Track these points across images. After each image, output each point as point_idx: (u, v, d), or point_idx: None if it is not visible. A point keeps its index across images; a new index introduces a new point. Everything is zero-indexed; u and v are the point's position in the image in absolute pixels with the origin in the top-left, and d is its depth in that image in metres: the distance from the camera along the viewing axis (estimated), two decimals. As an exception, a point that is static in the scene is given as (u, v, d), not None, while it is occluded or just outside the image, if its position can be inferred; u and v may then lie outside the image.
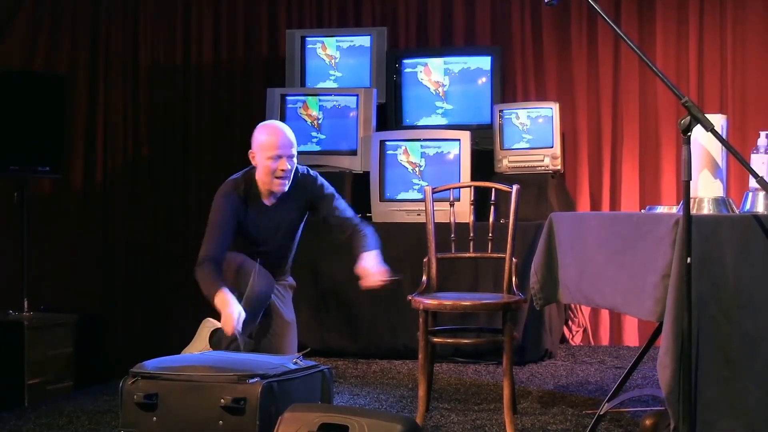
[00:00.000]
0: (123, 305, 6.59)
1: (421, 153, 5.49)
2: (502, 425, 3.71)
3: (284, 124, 4.28)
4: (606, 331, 5.98)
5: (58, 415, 4.08)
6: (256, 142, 4.17)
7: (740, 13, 5.85)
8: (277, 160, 4.09)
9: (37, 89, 5.56)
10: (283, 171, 4.10)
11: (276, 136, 4.13)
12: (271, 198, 4.20)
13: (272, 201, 4.21)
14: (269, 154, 4.09)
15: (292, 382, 3.32)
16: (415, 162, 5.49)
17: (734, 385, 2.71)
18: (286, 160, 4.10)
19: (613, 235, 3.14)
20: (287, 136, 4.15)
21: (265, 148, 4.11)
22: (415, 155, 5.50)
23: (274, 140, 4.11)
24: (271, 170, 4.10)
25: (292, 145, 4.14)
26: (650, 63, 2.87)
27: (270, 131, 4.17)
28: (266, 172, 4.12)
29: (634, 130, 6.01)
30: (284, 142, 4.12)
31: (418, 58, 5.95)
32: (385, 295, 5.31)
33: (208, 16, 6.61)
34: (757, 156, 3.20)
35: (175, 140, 6.63)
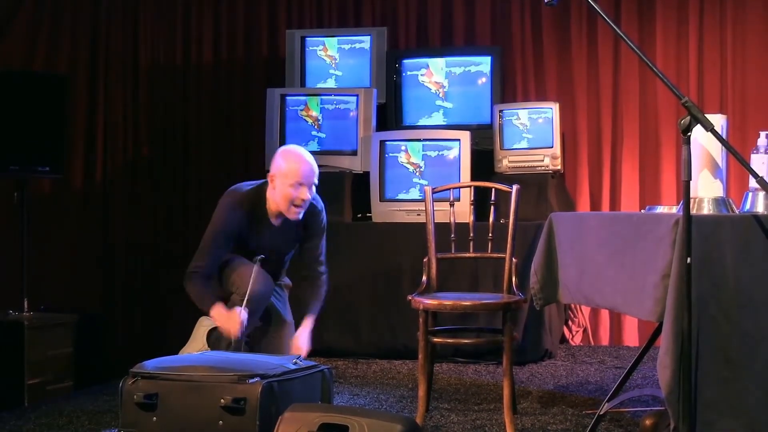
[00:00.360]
0: (123, 305, 6.60)
1: (421, 153, 5.49)
2: (502, 425, 3.71)
3: (308, 153, 4.19)
4: (606, 331, 5.98)
5: (58, 415, 4.08)
6: (278, 167, 4.09)
7: (740, 13, 5.85)
8: (297, 188, 4.04)
9: (37, 89, 5.56)
10: (303, 201, 4.06)
11: (301, 164, 4.07)
12: (278, 219, 4.18)
13: (278, 222, 4.18)
14: (291, 181, 4.03)
15: (292, 382, 3.32)
16: (415, 162, 5.49)
17: (734, 385, 2.71)
18: (307, 189, 4.06)
19: (613, 235, 3.14)
20: (311, 166, 4.10)
21: (287, 175, 4.04)
22: (415, 155, 5.50)
23: (298, 169, 4.05)
24: (291, 198, 4.04)
25: (315, 174, 4.10)
26: (650, 63, 2.87)
27: (295, 159, 4.10)
28: (284, 199, 4.06)
29: (634, 130, 6.01)
30: (308, 171, 4.07)
31: (418, 59, 5.96)
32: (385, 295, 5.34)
33: (208, 16, 6.61)
34: (757, 156, 3.20)
35: (175, 140, 6.63)
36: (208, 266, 4.07)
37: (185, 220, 6.53)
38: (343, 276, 5.38)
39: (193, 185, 6.57)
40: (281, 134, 5.74)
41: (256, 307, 4.06)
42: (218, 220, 4.12)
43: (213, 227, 4.12)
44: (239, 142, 6.53)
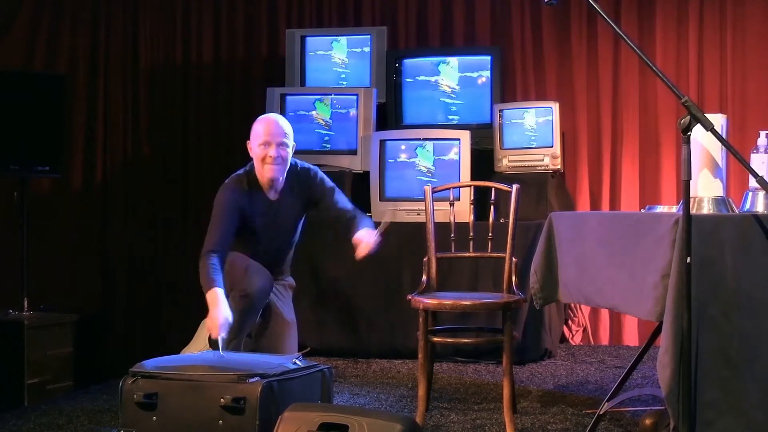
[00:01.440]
0: (123, 304, 6.59)
1: (420, 152, 5.49)
2: (502, 425, 3.71)
3: (280, 116, 4.35)
4: (606, 331, 5.98)
5: (57, 415, 4.08)
6: (251, 133, 4.24)
7: (740, 13, 5.85)
8: (266, 147, 4.14)
9: (37, 89, 5.57)
10: (272, 158, 4.14)
11: (266, 124, 4.21)
12: (272, 191, 4.22)
13: (275, 195, 4.23)
14: (259, 141, 4.16)
15: (291, 381, 3.32)
16: (415, 162, 5.49)
17: (734, 384, 2.71)
18: (276, 147, 4.14)
19: (612, 235, 3.14)
20: (279, 124, 4.22)
21: (256, 136, 4.19)
22: (415, 155, 5.50)
23: (264, 128, 4.19)
24: (261, 157, 4.15)
25: (285, 134, 4.19)
26: (650, 62, 2.87)
27: (262, 120, 4.26)
28: (258, 159, 4.17)
29: (634, 130, 6.01)
30: (274, 130, 4.18)
31: (418, 58, 5.96)
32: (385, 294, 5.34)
33: (208, 16, 6.61)
34: (757, 155, 3.20)
35: (175, 139, 6.63)
36: (218, 244, 4.07)
37: (185, 219, 6.53)
38: (342, 275, 5.39)
39: (193, 184, 6.57)
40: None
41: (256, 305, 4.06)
42: (219, 203, 4.19)
43: (215, 210, 4.18)
44: (239, 141, 6.48)
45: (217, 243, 4.08)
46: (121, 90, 6.67)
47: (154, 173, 6.64)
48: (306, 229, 4.45)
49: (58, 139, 5.65)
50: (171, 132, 6.64)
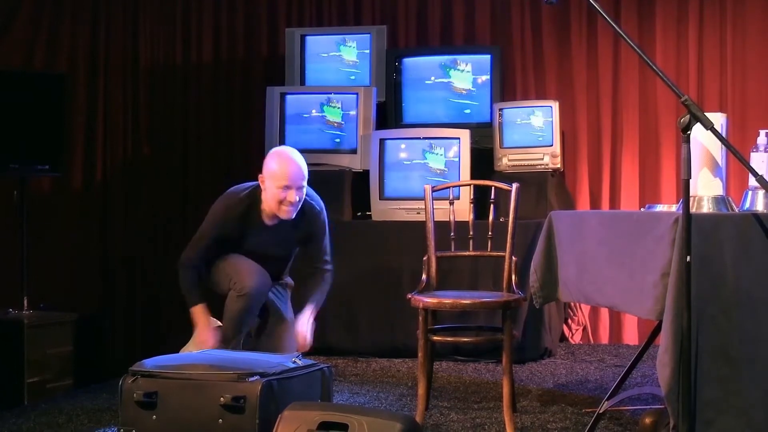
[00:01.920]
0: (122, 303, 6.59)
1: (421, 151, 5.49)
2: (501, 424, 3.71)
3: (298, 154, 4.20)
4: (605, 330, 5.98)
5: (57, 414, 4.08)
6: (267, 169, 4.12)
7: (740, 12, 5.85)
8: (286, 191, 4.07)
9: (37, 87, 5.56)
10: (290, 202, 4.09)
11: (287, 167, 4.09)
12: (272, 220, 4.20)
13: (273, 223, 4.20)
14: (279, 183, 4.06)
15: (291, 380, 3.32)
16: (415, 160, 5.49)
17: (734, 383, 2.71)
18: (295, 191, 4.08)
19: (612, 234, 3.14)
20: (299, 167, 4.11)
21: (275, 177, 4.07)
22: (415, 153, 5.50)
23: (285, 171, 4.07)
24: (279, 199, 4.08)
25: (303, 177, 4.12)
26: (650, 61, 2.87)
27: (282, 161, 4.11)
28: (274, 200, 4.09)
29: (634, 129, 6.01)
30: (295, 174, 4.09)
31: (418, 57, 5.95)
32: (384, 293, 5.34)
33: (207, 15, 6.60)
34: (757, 154, 3.20)
35: (175, 139, 6.63)
36: (198, 260, 4.19)
37: (184, 218, 6.53)
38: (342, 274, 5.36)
39: (193, 183, 6.57)
40: (281, 132, 5.74)
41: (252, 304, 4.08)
42: (211, 222, 4.22)
43: (207, 225, 4.22)
44: (239, 140, 6.53)
45: (198, 258, 4.18)
46: (121, 89, 6.67)
47: (154, 172, 6.63)
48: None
49: (58, 138, 5.64)
50: (171, 131, 6.64)
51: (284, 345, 4.24)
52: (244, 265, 4.12)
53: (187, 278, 4.16)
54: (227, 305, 4.09)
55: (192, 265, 4.16)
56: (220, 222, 4.18)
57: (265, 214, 4.18)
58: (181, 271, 4.17)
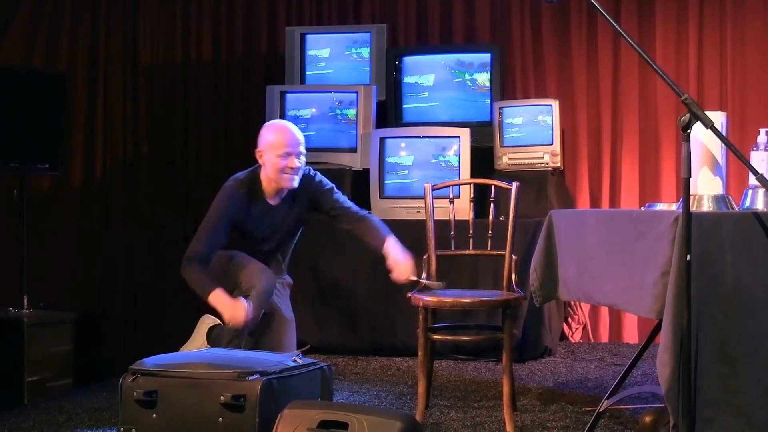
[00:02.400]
0: (122, 302, 6.59)
1: (421, 150, 5.49)
2: (501, 422, 3.71)
3: (291, 123, 4.34)
4: (605, 328, 5.98)
5: (57, 413, 4.08)
6: (264, 141, 4.19)
7: (740, 11, 5.85)
8: (286, 158, 4.12)
9: (37, 86, 5.56)
10: (292, 168, 4.13)
11: (285, 134, 4.18)
12: (275, 198, 4.21)
13: (277, 201, 4.22)
14: (278, 152, 4.12)
15: (291, 379, 3.32)
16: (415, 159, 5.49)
17: (734, 382, 2.71)
18: (295, 157, 4.14)
19: (612, 233, 3.14)
20: (295, 134, 4.20)
21: (274, 146, 4.14)
22: (415, 152, 5.50)
23: (283, 138, 4.15)
24: (281, 167, 4.12)
25: (300, 143, 4.19)
26: (650, 60, 2.87)
27: (278, 130, 4.22)
28: (275, 170, 4.13)
29: (634, 127, 6.01)
30: (293, 140, 4.17)
31: (418, 56, 5.95)
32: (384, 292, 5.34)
33: (207, 14, 6.60)
34: (757, 153, 3.20)
35: (175, 137, 6.63)
36: (207, 251, 4.10)
37: (184, 216, 6.53)
38: (342, 273, 5.39)
39: (193, 182, 6.57)
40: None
41: (261, 304, 4.07)
42: (217, 206, 4.16)
43: (212, 214, 4.16)
44: (239, 139, 6.52)
45: (205, 251, 4.09)
46: (121, 88, 6.67)
47: (153, 171, 6.63)
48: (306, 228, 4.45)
49: (58, 136, 5.64)
50: (171, 130, 6.64)
51: (285, 343, 4.24)
52: (249, 265, 4.11)
53: (196, 270, 4.05)
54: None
55: (200, 257, 4.07)
56: (226, 207, 4.14)
57: (268, 193, 4.20)
58: (187, 268, 4.07)
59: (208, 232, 4.13)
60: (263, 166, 4.19)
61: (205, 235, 4.12)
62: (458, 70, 5.83)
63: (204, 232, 4.14)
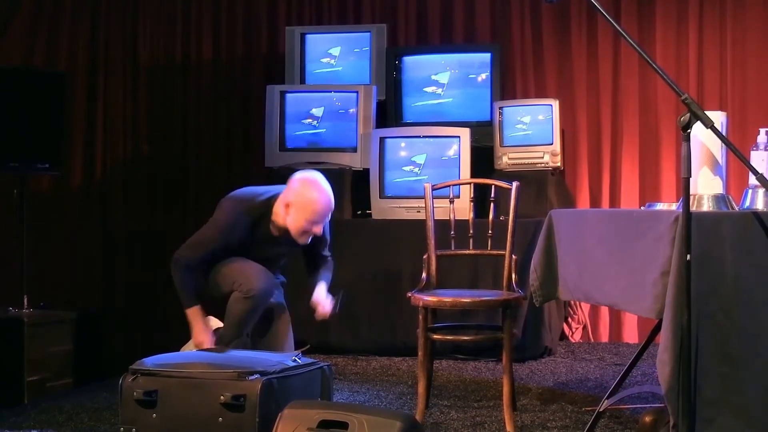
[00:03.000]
0: (122, 302, 6.59)
1: (420, 150, 5.49)
2: (501, 422, 3.71)
3: (328, 185, 4.08)
4: (605, 328, 5.98)
5: (57, 412, 4.08)
6: (296, 196, 4.00)
7: (740, 11, 5.85)
8: (312, 225, 4.01)
9: (37, 85, 5.55)
10: (315, 235, 4.05)
11: (321, 203, 4.00)
12: (280, 231, 4.14)
13: (279, 233, 4.15)
14: (308, 217, 3.98)
15: (291, 379, 3.32)
16: (415, 159, 5.49)
17: (734, 382, 2.71)
18: (322, 226, 4.05)
19: (612, 232, 3.14)
20: (331, 203, 4.05)
21: (307, 211, 3.98)
22: (415, 152, 5.50)
23: (319, 209, 3.99)
24: (303, 230, 4.01)
25: (331, 211, 4.07)
26: (650, 60, 2.87)
27: (317, 196, 4.00)
28: (297, 230, 4.01)
29: (634, 127, 6.01)
30: (326, 210, 4.03)
31: (418, 55, 5.95)
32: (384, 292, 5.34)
33: (207, 13, 6.60)
34: (757, 153, 3.20)
35: (175, 137, 6.63)
36: (196, 261, 4.04)
37: (184, 216, 6.53)
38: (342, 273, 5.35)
39: (192, 182, 6.56)
40: (281, 131, 5.74)
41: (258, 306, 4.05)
42: (222, 225, 4.06)
43: (214, 229, 4.07)
44: (239, 139, 6.53)
45: (195, 260, 4.04)
46: (121, 87, 6.67)
47: (153, 171, 6.63)
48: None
49: (58, 136, 5.64)
50: (170, 130, 6.64)
51: (284, 344, 4.23)
52: (248, 266, 4.04)
53: (182, 277, 4.04)
54: (230, 307, 4.00)
55: (188, 265, 4.04)
56: (229, 229, 4.04)
57: (274, 226, 4.09)
58: (175, 270, 4.05)
59: (204, 243, 4.05)
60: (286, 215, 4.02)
61: (200, 248, 4.05)
62: (458, 69, 5.83)
63: (200, 243, 4.06)
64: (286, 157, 5.66)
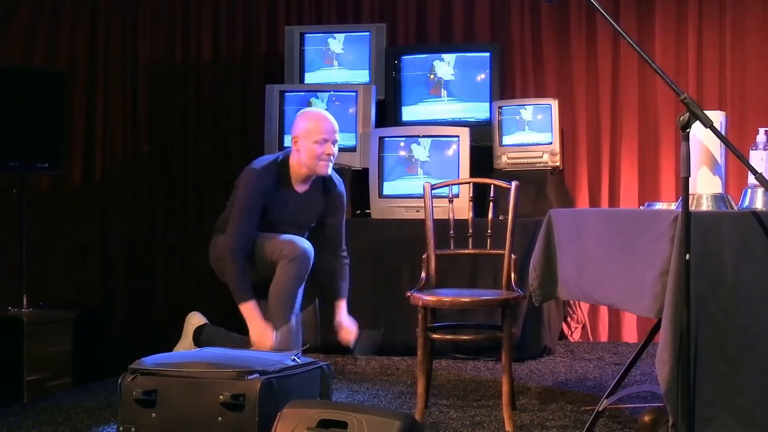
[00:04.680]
0: (122, 302, 6.59)
1: (420, 149, 5.49)
2: (500, 421, 3.71)
3: (327, 111, 4.45)
4: (605, 328, 5.98)
5: (57, 412, 4.08)
6: (299, 127, 4.29)
7: (739, 11, 5.85)
8: (323, 144, 4.23)
9: (36, 86, 5.55)
10: (329, 155, 4.24)
11: (322, 121, 4.29)
12: (302, 185, 4.27)
13: (303, 189, 4.28)
14: (316, 137, 4.22)
15: (291, 378, 3.33)
16: (414, 159, 5.49)
17: (733, 381, 2.71)
18: (332, 144, 4.25)
19: (611, 232, 3.14)
20: (331, 121, 4.32)
21: (311, 132, 4.24)
22: (414, 152, 5.50)
23: (321, 125, 4.26)
24: (317, 154, 4.22)
25: (336, 130, 4.31)
26: (649, 59, 2.87)
27: (315, 116, 4.33)
28: (311, 156, 4.22)
29: (633, 127, 6.01)
30: (330, 127, 4.29)
31: (417, 55, 5.95)
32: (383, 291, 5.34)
33: (207, 13, 6.60)
34: (756, 152, 3.20)
35: (174, 137, 6.62)
36: (246, 236, 4.15)
37: (184, 216, 6.53)
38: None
39: (192, 181, 6.56)
40: (280, 130, 5.74)
41: (302, 268, 4.12)
42: (247, 189, 4.20)
43: (243, 197, 4.19)
44: (238, 138, 6.52)
45: (243, 239, 4.14)
46: (121, 87, 6.67)
47: (153, 170, 6.63)
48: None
49: (58, 136, 5.64)
50: (170, 129, 6.63)
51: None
52: (284, 235, 4.18)
53: (240, 270, 4.10)
54: (277, 279, 4.09)
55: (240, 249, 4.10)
56: (254, 191, 4.17)
57: (295, 180, 4.26)
58: (231, 264, 4.10)
59: (242, 220, 4.16)
60: (298, 152, 4.26)
61: (240, 220, 4.16)
62: (457, 69, 5.83)
63: (239, 217, 4.17)
64: (285, 157, 5.67)
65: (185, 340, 4.42)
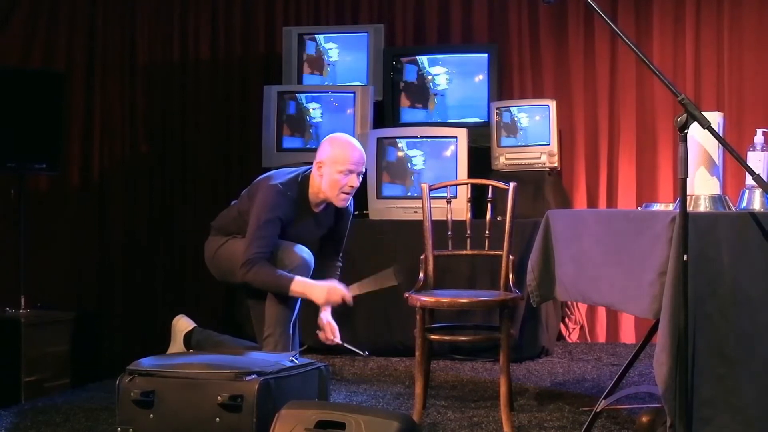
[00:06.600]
0: (120, 302, 6.59)
1: (418, 150, 5.49)
2: (498, 422, 3.71)
3: (357, 140, 4.27)
4: (603, 329, 5.98)
5: (54, 413, 4.08)
6: (327, 154, 4.12)
7: (737, 11, 5.85)
8: (347, 176, 4.09)
9: (34, 86, 5.55)
10: (351, 187, 4.12)
11: (351, 150, 4.12)
12: (318, 207, 4.20)
13: (319, 210, 4.21)
14: (341, 168, 4.08)
15: (289, 379, 3.33)
16: (412, 160, 5.50)
17: (731, 382, 2.72)
18: (356, 176, 4.12)
19: (609, 233, 3.14)
20: (361, 152, 4.16)
21: (338, 161, 4.08)
22: (412, 153, 5.51)
23: (349, 155, 4.10)
24: (340, 185, 4.09)
25: (364, 162, 4.17)
26: (647, 60, 2.88)
27: (345, 145, 4.15)
28: (333, 186, 4.10)
29: (631, 128, 6.01)
30: (358, 158, 4.13)
31: (415, 56, 5.95)
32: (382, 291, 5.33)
33: (205, 13, 6.60)
34: (754, 153, 3.21)
35: (173, 137, 6.62)
36: (267, 249, 4.05)
37: (182, 216, 6.53)
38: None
39: (190, 182, 6.56)
40: (278, 131, 5.74)
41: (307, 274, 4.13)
42: (268, 206, 4.08)
43: (264, 214, 4.07)
44: (236, 139, 6.52)
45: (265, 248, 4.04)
46: (119, 87, 6.66)
47: (151, 171, 6.63)
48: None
49: (56, 136, 5.63)
50: (168, 130, 6.63)
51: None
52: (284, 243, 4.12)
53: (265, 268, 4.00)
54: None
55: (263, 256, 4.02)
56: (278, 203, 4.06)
57: (313, 201, 4.19)
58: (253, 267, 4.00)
59: (263, 231, 4.05)
60: (320, 178, 4.12)
61: (263, 238, 4.04)
62: (455, 70, 5.83)
63: (261, 235, 4.05)
64: (283, 158, 5.66)
65: (175, 345, 4.41)
